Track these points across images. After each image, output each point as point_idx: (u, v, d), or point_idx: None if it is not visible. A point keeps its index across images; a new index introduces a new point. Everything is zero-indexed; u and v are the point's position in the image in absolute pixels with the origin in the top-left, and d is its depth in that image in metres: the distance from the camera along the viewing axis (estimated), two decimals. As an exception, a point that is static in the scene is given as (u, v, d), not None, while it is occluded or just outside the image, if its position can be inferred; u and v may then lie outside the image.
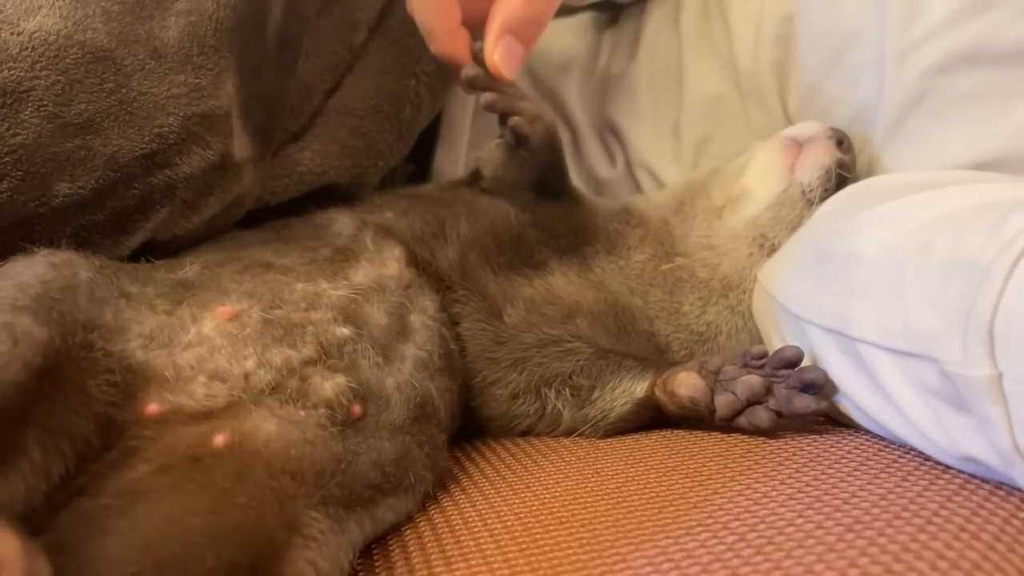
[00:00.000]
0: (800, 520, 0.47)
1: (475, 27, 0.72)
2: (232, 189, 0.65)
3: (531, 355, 0.70)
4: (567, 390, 0.69)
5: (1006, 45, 0.66)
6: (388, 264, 0.66)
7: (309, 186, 0.75)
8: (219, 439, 0.46)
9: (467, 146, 0.94)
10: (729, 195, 0.78)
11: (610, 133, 0.96)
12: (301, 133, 0.74)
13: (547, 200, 0.79)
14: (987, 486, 0.50)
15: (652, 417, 0.68)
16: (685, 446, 0.62)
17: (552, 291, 0.73)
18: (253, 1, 0.62)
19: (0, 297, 0.44)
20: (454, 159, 0.93)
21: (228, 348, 0.51)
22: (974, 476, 0.52)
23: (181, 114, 0.59)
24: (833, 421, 0.65)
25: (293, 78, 0.69)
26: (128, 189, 0.58)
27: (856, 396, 0.59)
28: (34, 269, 0.48)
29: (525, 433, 0.71)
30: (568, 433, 0.70)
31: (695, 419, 0.65)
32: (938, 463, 0.54)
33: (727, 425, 0.63)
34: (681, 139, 0.90)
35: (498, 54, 0.70)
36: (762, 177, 0.77)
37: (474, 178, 0.82)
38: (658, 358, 0.74)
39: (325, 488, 0.47)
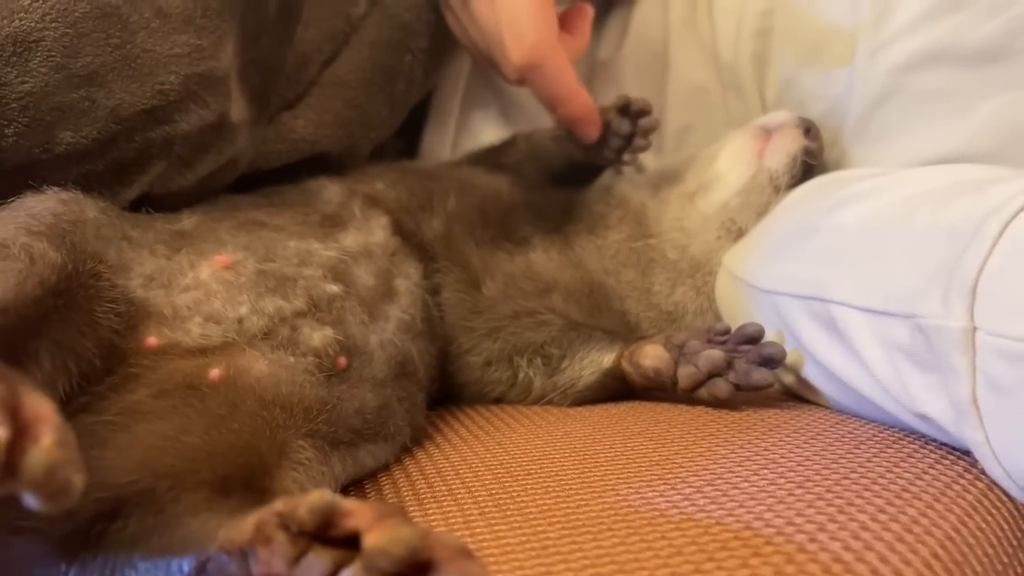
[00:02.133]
0: (755, 478, 0.50)
1: None
2: (227, 150, 0.67)
3: (505, 325, 0.72)
4: (538, 359, 0.72)
5: (971, 46, 0.68)
6: (375, 232, 0.68)
7: (302, 153, 0.77)
8: (214, 372, 0.49)
9: (455, 126, 0.96)
10: (702, 180, 0.81)
11: None
12: (296, 101, 0.76)
13: (549, 185, 0.83)
14: (932, 456, 0.54)
15: (618, 388, 0.71)
16: (651, 415, 0.65)
17: (531, 267, 0.76)
18: None
19: (17, 223, 0.47)
20: (442, 138, 0.96)
21: (223, 293, 0.54)
22: (922, 446, 0.55)
23: (182, 73, 0.61)
24: (795, 396, 0.69)
25: (291, 46, 0.72)
26: (128, 142, 0.60)
27: (822, 355, 0.63)
28: (45, 203, 0.51)
29: (498, 400, 0.74)
30: (538, 400, 0.73)
31: (659, 390, 0.68)
32: (890, 435, 0.57)
33: (688, 396, 0.66)
34: (663, 128, 0.93)
35: None
36: (732, 163, 0.80)
37: (496, 151, 0.87)
38: (628, 335, 0.77)
39: (313, 423, 0.50)
